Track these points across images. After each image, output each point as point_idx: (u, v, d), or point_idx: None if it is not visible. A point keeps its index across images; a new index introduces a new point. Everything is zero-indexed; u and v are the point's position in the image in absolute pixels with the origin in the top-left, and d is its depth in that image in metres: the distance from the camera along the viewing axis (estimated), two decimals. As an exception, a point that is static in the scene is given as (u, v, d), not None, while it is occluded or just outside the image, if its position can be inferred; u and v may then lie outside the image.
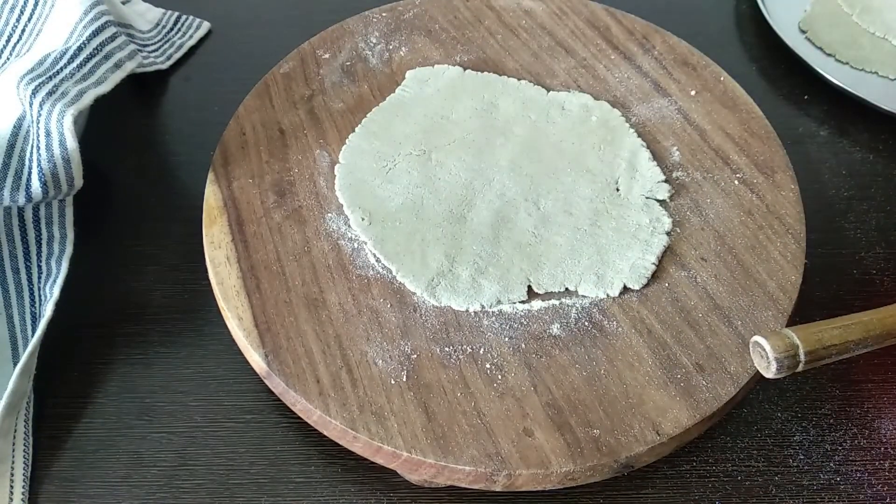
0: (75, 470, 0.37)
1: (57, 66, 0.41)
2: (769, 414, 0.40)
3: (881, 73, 0.55)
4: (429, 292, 0.37)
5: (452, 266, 0.38)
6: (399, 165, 0.42)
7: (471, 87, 0.46)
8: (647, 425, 0.33)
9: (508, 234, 0.39)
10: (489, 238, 0.39)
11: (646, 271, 0.38)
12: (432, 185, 0.41)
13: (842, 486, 0.37)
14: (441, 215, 0.40)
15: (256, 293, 0.37)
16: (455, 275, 0.38)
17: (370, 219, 0.39)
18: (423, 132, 0.43)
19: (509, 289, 0.37)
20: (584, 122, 0.44)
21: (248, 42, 0.56)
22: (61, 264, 0.40)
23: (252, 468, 0.37)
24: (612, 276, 0.38)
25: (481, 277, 0.38)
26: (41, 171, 0.38)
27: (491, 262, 0.38)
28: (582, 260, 0.38)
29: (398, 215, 0.40)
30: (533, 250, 0.39)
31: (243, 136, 0.43)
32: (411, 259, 0.38)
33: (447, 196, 0.41)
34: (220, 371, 0.40)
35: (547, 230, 0.39)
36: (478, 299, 0.37)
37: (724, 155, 0.43)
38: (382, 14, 0.50)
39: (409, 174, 0.42)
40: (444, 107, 0.45)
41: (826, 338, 0.30)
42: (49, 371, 0.39)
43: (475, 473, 0.32)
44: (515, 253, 0.38)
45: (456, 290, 0.37)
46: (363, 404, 0.33)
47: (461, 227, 0.39)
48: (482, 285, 0.37)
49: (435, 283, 0.37)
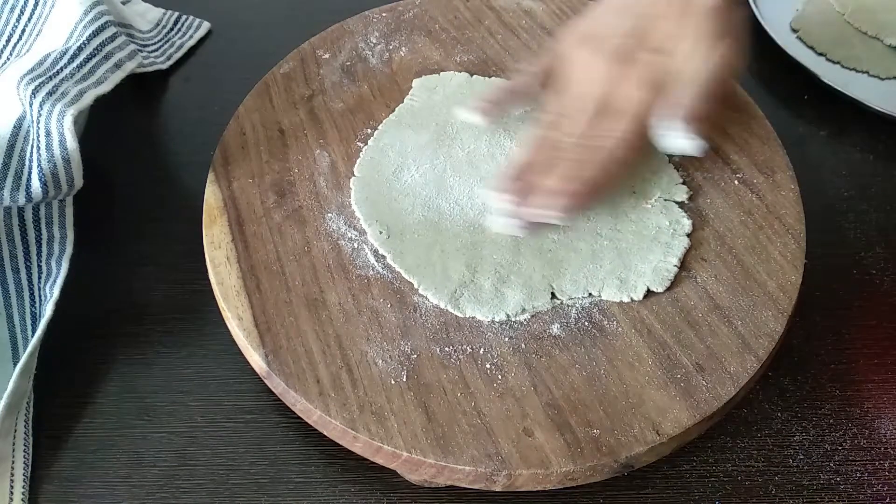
0: (75, 470, 0.37)
1: (57, 66, 0.41)
2: (769, 414, 0.40)
3: (872, 73, 0.55)
4: (452, 304, 0.37)
5: (474, 276, 0.37)
6: (414, 177, 0.41)
7: (479, 93, 0.46)
8: (647, 425, 0.33)
9: (528, 242, 0.39)
10: (509, 246, 0.39)
11: (668, 273, 0.38)
12: (449, 196, 0.41)
13: (842, 486, 0.37)
14: (459, 225, 0.39)
15: (256, 293, 0.37)
16: (477, 285, 0.37)
17: (388, 232, 0.39)
18: (435, 142, 0.43)
19: (533, 296, 0.37)
20: None
21: (248, 42, 0.56)
22: (61, 264, 0.40)
23: (252, 468, 0.37)
24: (636, 279, 0.38)
25: (504, 286, 0.37)
26: (41, 171, 0.38)
27: (512, 270, 0.38)
28: (604, 264, 0.38)
29: (416, 227, 0.39)
30: (553, 256, 0.38)
31: (243, 136, 0.43)
32: (432, 271, 0.38)
33: (464, 206, 0.40)
34: (221, 371, 0.40)
35: (566, 236, 0.39)
36: (503, 308, 0.36)
37: (725, 155, 0.43)
38: (382, 14, 0.50)
39: (425, 185, 0.41)
40: (454, 114, 0.45)
41: None
42: (49, 371, 0.39)
43: (475, 473, 0.32)
44: (536, 260, 0.38)
45: (480, 301, 0.37)
46: (363, 404, 0.33)
47: (480, 236, 0.39)
48: (505, 294, 0.37)
49: (458, 294, 0.37)
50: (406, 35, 0.49)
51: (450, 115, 0.44)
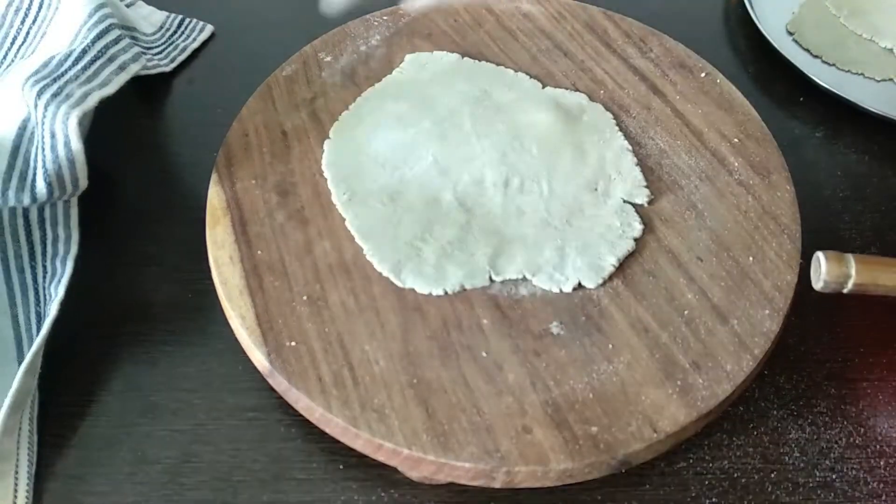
0: (80, 467, 0.37)
1: (62, 69, 0.42)
2: (765, 412, 0.40)
3: (867, 75, 0.55)
4: (394, 274, 0.38)
5: (421, 250, 0.38)
6: (386, 146, 0.42)
7: (466, 74, 0.46)
8: (644, 423, 0.34)
9: (480, 222, 0.40)
10: (460, 224, 0.39)
11: (603, 271, 0.38)
12: (415, 168, 0.42)
13: (837, 484, 0.38)
14: (419, 198, 0.40)
15: (259, 293, 0.37)
16: (422, 259, 0.38)
17: (351, 195, 0.40)
18: (413, 114, 0.44)
19: (472, 274, 0.38)
20: (576, 120, 0.45)
21: (250, 45, 0.56)
22: (66, 264, 0.40)
23: (255, 465, 0.37)
24: (570, 272, 0.38)
25: (447, 262, 0.38)
26: (46, 172, 0.39)
27: (458, 247, 0.39)
28: (545, 253, 0.39)
29: (379, 195, 0.40)
30: (501, 238, 0.39)
31: (246, 138, 0.44)
32: (382, 239, 0.39)
33: (427, 179, 0.41)
34: (224, 370, 0.40)
35: (519, 221, 0.40)
36: (441, 284, 0.37)
37: (721, 156, 0.44)
38: (383, 17, 0.51)
39: (394, 155, 0.42)
40: (437, 91, 0.45)
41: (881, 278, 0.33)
42: (54, 370, 0.39)
43: (475, 470, 0.33)
44: (482, 239, 0.39)
45: (421, 274, 0.38)
46: (364, 402, 0.34)
47: (436, 211, 0.40)
48: (447, 270, 0.38)
49: (402, 265, 0.38)
50: (406, 38, 0.50)
51: (432, 91, 0.45)
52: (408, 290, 0.38)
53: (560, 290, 0.38)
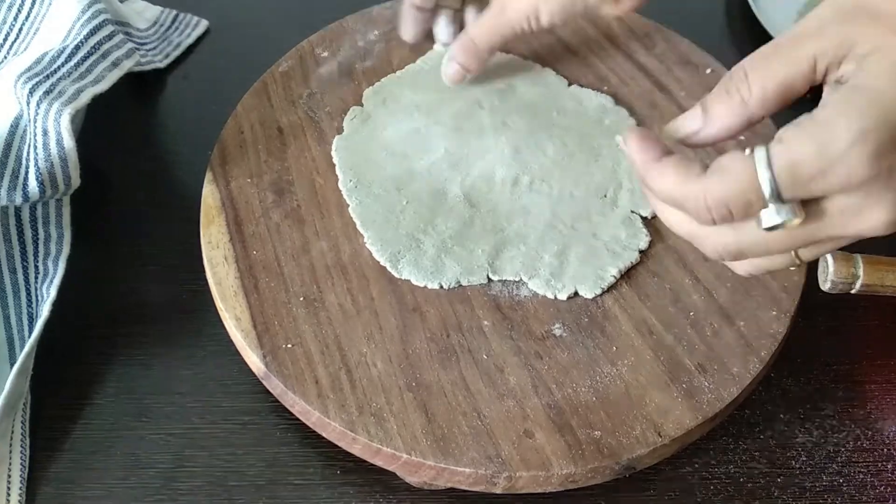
0: (73, 471, 0.37)
1: (54, 65, 0.41)
2: (772, 415, 0.39)
3: None
4: (391, 264, 0.37)
5: (422, 241, 0.38)
6: (398, 135, 0.42)
7: (493, 67, 0.45)
8: (648, 427, 0.33)
9: (484, 218, 0.39)
10: (463, 219, 0.39)
11: (602, 282, 0.37)
12: (426, 159, 0.41)
13: (844, 488, 0.37)
14: (424, 190, 0.40)
15: (255, 293, 0.37)
16: (422, 251, 0.38)
17: (357, 182, 0.40)
18: (432, 104, 0.43)
19: (470, 271, 0.37)
20: (597, 123, 0.44)
21: (246, 40, 0.55)
22: (58, 264, 0.40)
23: (250, 470, 0.37)
24: (567, 280, 0.37)
25: (446, 257, 0.38)
26: (38, 170, 0.38)
27: (458, 242, 0.38)
28: (545, 257, 0.38)
29: (385, 183, 0.40)
30: (503, 237, 0.38)
31: (241, 135, 0.43)
32: (384, 228, 0.38)
33: (437, 171, 0.41)
34: (219, 372, 0.40)
35: (524, 221, 0.39)
36: (438, 278, 0.37)
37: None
38: (382, 12, 0.50)
39: (405, 144, 0.42)
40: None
41: (889, 278, 0.33)
42: (46, 372, 0.38)
43: (475, 475, 0.32)
44: (484, 237, 0.38)
45: (419, 266, 0.37)
46: (362, 406, 0.33)
47: (441, 203, 0.39)
48: (445, 264, 0.37)
49: (400, 255, 0.37)
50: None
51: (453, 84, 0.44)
52: (407, 291, 0.37)
53: (555, 297, 0.37)
